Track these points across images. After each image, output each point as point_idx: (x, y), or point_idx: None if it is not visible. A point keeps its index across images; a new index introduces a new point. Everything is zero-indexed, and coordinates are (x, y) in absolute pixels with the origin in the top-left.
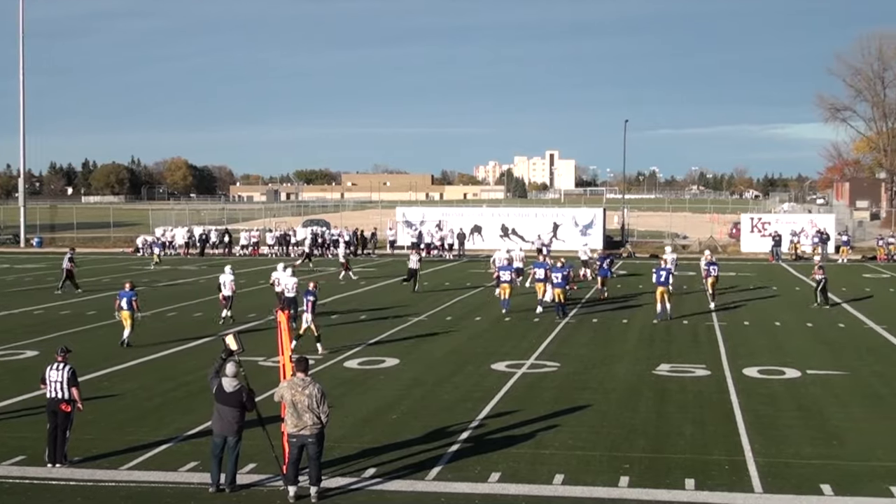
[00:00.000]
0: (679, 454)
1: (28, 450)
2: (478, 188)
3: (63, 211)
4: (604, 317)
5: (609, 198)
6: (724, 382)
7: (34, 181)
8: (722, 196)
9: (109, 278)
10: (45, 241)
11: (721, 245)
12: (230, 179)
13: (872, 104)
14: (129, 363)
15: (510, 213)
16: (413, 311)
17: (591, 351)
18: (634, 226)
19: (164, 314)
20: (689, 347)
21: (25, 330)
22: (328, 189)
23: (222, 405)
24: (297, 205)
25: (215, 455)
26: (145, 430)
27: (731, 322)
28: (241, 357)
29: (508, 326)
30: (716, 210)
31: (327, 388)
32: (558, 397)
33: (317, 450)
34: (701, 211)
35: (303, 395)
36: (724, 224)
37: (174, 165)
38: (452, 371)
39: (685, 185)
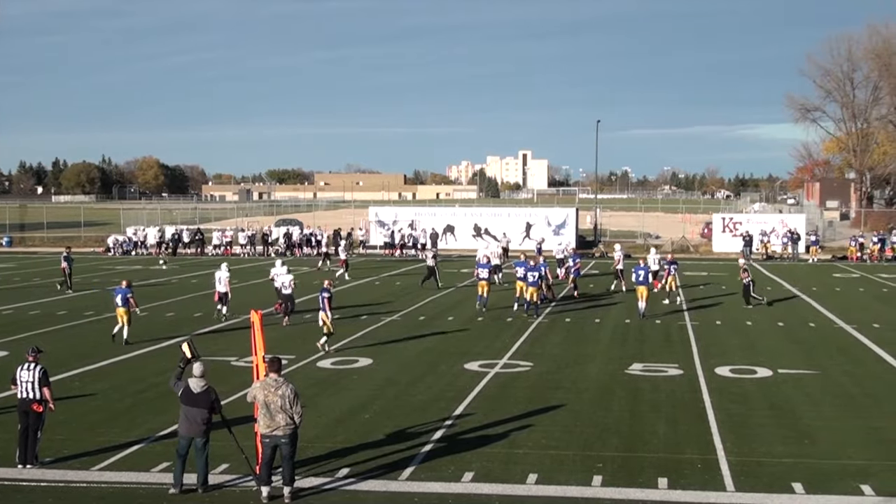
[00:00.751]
0: (652, 453)
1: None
2: (450, 188)
3: (33, 210)
4: (577, 316)
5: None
6: (697, 382)
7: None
8: (694, 196)
9: (80, 278)
10: (15, 241)
11: (693, 245)
12: (202, 179)
13: (842, 105)
14: (100, 363)
15: (483, 213)
16: (386, 310)
17: (564, 350)
18: (607, 226)
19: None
20: (661, 347)
21: None
22: (301, 189)
23: (190, 406)
24: (270, 204)
25: (180, 456)
26: (117, 431)
27: (703, 322)
28: (206, 358)
29: (481, 326)
30: (688, 210)
31: (300, 388)
32: (531, 397)
33: (290, 450)
34: (673, 211)
35: (275, 395)
36: (695, 224)
37: (146, 165)
38: (425, 371)
39: (657, 185)
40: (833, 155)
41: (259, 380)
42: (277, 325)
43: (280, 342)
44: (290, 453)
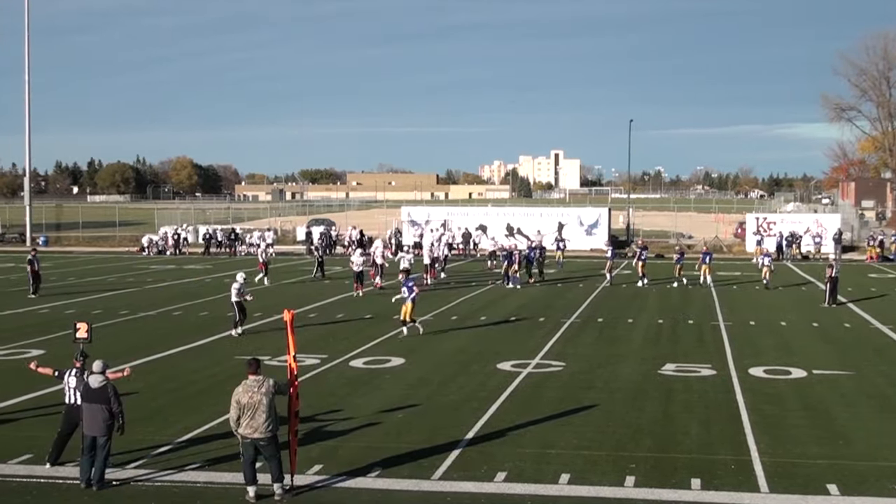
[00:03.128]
0: (685, 454)
1: (35, 449)
2: (483, 188)
3: (68, 210)
4: (609, 316)
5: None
6: (730, 382)
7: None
8: (727, 196)
9: (115, 277)
10: (51, 240)
11: (726, 245)
12: (235, 179)
13: (878, 104)
14: (134, 362)
15: (515, 213)
16: (419, 310)
17: (597, 350)
18: (640, 225)
19: (170, 313)
20: (694, 347)
21: (31, 329)
22: (333, 188)
23: (89, 403)
24: (302, 204)
25: (87, 457)
26: (150, 430)
27: (736, 322)
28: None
29: (514, 326)
30: (721, 210)
31: (333, 387)
32: (564, 397)
33: (272, 450)
34: (706, 211)
35: (259, 393)
36: (729, 224)
37: (179, 165)
38: (458, 371)
39: (690, 184)
40: (869, 154)
41: (240, 385)
42: (310, 326)
43: (312, 342)
44: (272, 453)
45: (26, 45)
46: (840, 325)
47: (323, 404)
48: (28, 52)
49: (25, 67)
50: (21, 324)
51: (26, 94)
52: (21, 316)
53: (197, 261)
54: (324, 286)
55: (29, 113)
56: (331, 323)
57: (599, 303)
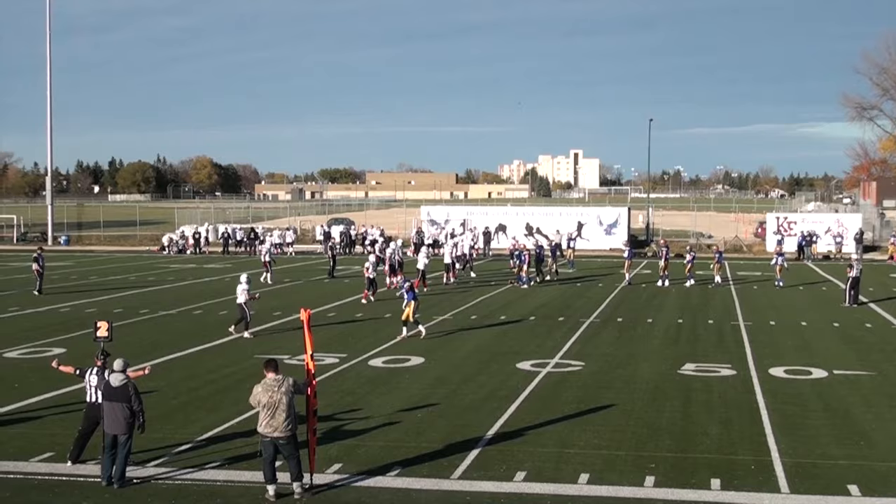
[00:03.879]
0: (705, 454)
1: (57, 447)
2: (502, 187)
3: (90, 209)
4: (629, 316)
5: (634, 197)
6: (750, 382)
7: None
8: (747, 195)
9: (135, 276)
10: (73, 240)
11: (746, 244)
12: (255, 178)
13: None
14: (154, 361)
15: (535, 212)
16: (438, 310)
17: (616, 350)
18: (659, 225)
19: (190, 312)
20: (714, 347)
21: (53, 328)
22: (352, 188)
23: (109, 401)
24: (322, 203)
25: (108, 455)
26: (171, 428)
27: (756, 322)
28: (260, 356)
29: (533, 326)
30: (741, 209)
31: (351, 386)
32: (583, 397)
33: (291, 449)
34: (726, 210)
35: (279, 393)
36: (749, 223)
37: (199, 164)
38: (477, 370)
39: (710, 184)
40: (890, 153)
41: (260, 383)
42: (329, 325)
43: (332, 341)
44: (291, 452)
45: (48, 44)
46: (861, 325)
47: (342, 403)
48: (49, 52)
49: (47, 67)
50: (42, 323)
51: (48, 94)
52: (42, 315)
53: (217, 260)
54: (343, 286)
55: (51, 112)
56: (350, 322)
57: (619, 302)
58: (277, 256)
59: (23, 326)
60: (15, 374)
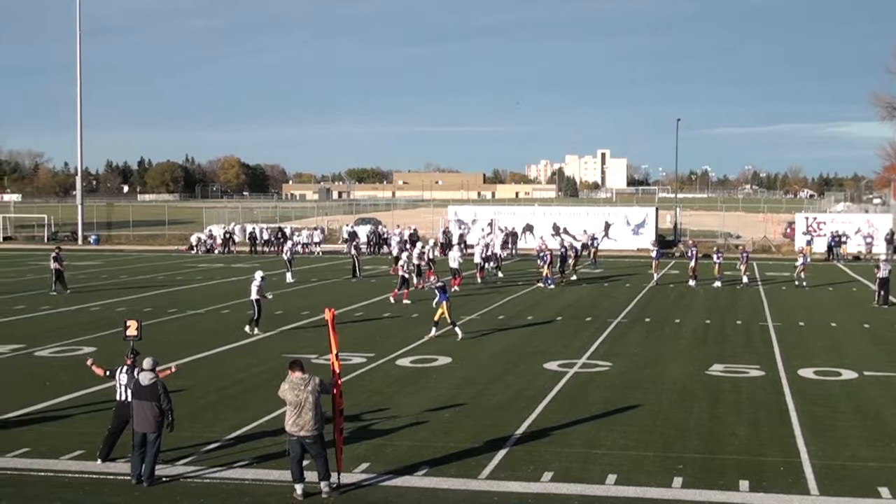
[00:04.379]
0: (733, 455)
1: (87, 445)
2: (529, 187)
3: (119, 209)
4: (657, 316)
5: (661, 197)
6: (779, 383)
7: (91, 179)
8: (775, 195)
9: (164, 276)
10: (102, 239)
11: (775, 245)
12: (282, 178)
13: None
14: (182, 360)
15: (562, 212)
16: (465, 309)
17: (644, 350)
18: (687, 225)
19: (219, 311)
20: (742, 348)
21: (83, 327)
22: (379, 188)
23: (139, 400)
24: (349, 203)
25: (137, 454)
26: (199, 427)
27: (785, 322)
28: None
29: (560, 326)
30: (769, 209)
31: (379, 386)
32: (610, 397)
33: (318, 448)
34: (754, 210)
35: (305, 391)
36: (777, 224)
37: (227, 164)
38: (504, 370)
39: (738, 184)
40: None
41: (287, 381)
42: (357, 324)
43: (359, 340)
44: (318, 451)
45: (78, 44)
46: (891, 326)
47: (370, 403)
48: (79, 52)
49: (77, 67)
50: (73, 321)
51: (78, 94)
52: (73, 314)
53: (245, 259)
54: (370, 286)
55: (81, 112)
56: (377, 321)
57: (646, 302)
58: (304, 256)
59: (54, 325)
60: (46, 373)
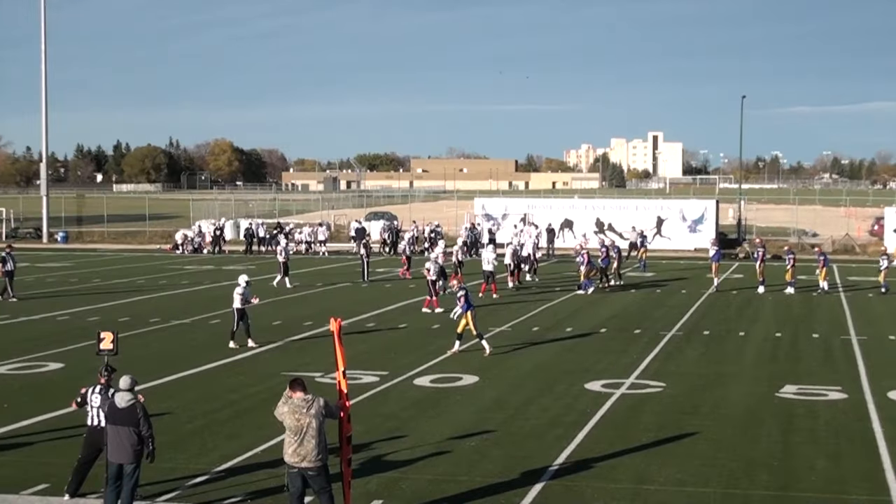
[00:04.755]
0: (809, 492)
1: (52, 478)
2: (568, 176)
3: (92, 201)
4: (717, 328)
5: (723, 188)
6: (865, 408)
7: (58, 166)
8: (860, 186)
9: (144, 279)
10: (71, 236)
11: (859, 244)
12: (282, 165)
13: None
14: (166, 378)
15: (606, 206)
16: (493, 320)
17: (703, 369)
18: (753, 221)
19: (207, 321)
20: (820, 366)
21: (48, 339)
22: (395, 176)
23: (114, 425)
24: (359, 195)
25: (112, 488)
26: (185, 457)
27: (872, 336)
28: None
29: (604, 339)
30: (853, 203)
31: (394, 409)
32: (663, 423)
33: (323, 482)
34: (834, 204)
35: (308, 416)
36: (863, 219)
37: (218, 148)
38: (540, 391)
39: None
40: None
41: (285, 403)
42: (365, 336)
43: (371, 356)
44: (322, 485)
45: (42, 10)
46: None
47: (383, 429)
48: (44, 20)
49: (41, 37)
50: (37, 333)
51: (42, 68)
52: (37, 324)
53: (238, 260)
54: (384, 291)
55: (45, 89)
56: (392, 333)
57: (705, 312)
58: (307, 257)
59: (13, 337)
60: (4, 393)
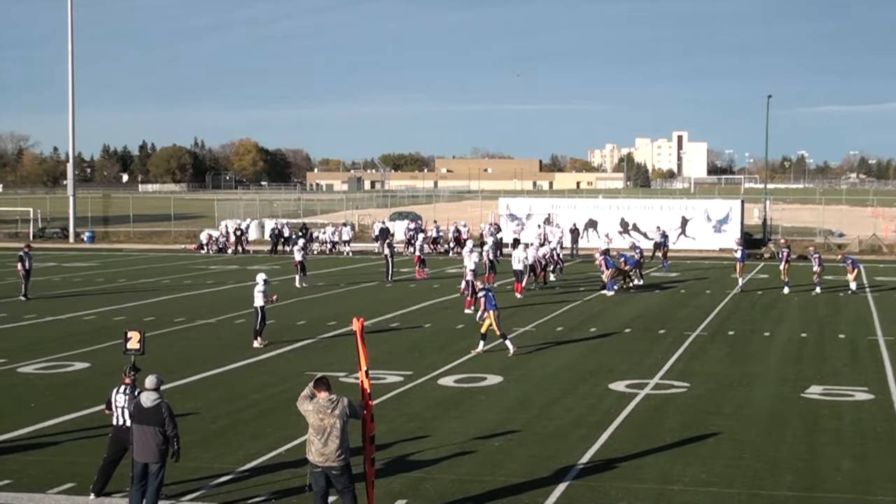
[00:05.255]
0: (835, 493)
1: (78, 477)
2: (593, 176)
3: (118, 201)
4: (742, 328)
5: (748, 188)
6: (892, 409)
7: (85, 167)
8: (888, 186)
9: (169, 279)
10: (98, 236)
11: (887, 244)
12: (307, 165)
13: None
14: (191, 378)
15: (631, 206)
16: (517, 320)
17: (727, 369)
18: (779, 221)
19: (232, 321)
20: (846, 366)
21: (75, 339)
22: (419, 176)
23: (140, 425)
24: (384, 195)
25: (137, 487)
26: (209, 457)
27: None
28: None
29: (629, 339)
30: (880, 203)
31: (418, 409)
32: (688, 424)
33: (346, 481)
34: (861, 204)
35: (332, 417)
36: (890, 219)
37: (243, 148)
38: (564, 391)
39: (841, 172)
40: None
41: (310, 401)
42: (389, 335)
43: (395, 356)
44: (346, 484)
45: (69, 10)
46: None
47: (406, 429)
48: (71, 19)
49: (69, 36)
50: (64, 332)
51: (69, 68)
52: (64, 323)
53: (262, 260)
54: (408, 291)
55: (73, 89)
56: (416, 332)
57: (730, 312)
58: (331, 257)
59: (40, 337)
60: (31, 393)
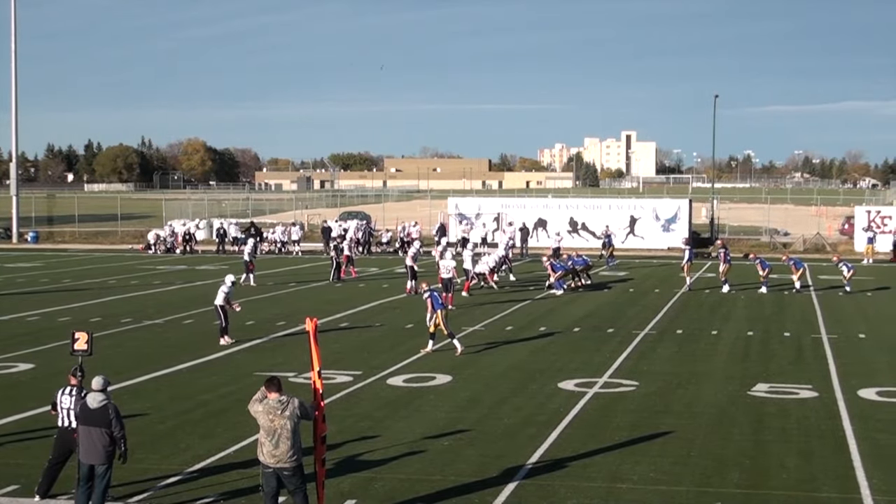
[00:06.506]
0: (781, 490)
1: (23, 479)
2: (542, 175)
3: (63, 201)
4: (690, 328)
5: (696, 187)
6: (835, 406)
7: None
8: (831, 185)
9: (116, 280)
10: (42, 236)
11: (830, 243)
12: (255, 164)
13: None
14: (138, 379)
15: (580, 205)
16: (467, 319)
17: (676, 368)
18: (725, 220)
19: (180, 321)
20: (791, 364)
21: (19, 339)
22: (368, 176)
23: (86, 426)
24: (333, 194)
25: (83, 489)
26: (157, 458)
27: (843, 335)
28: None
29: (578, 338)
30: (824, 202)
31: (368, 409)
32: (637, 422)
33: (297, 482)
34: (805, 203)
35: (283, 418)
36: (833, 218)
37: (191, 148)
38: (513, 390)
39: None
40: None
41: (259, 402)
42: (338, 335)
43: (344, 356)
44: (297, 485)
45: (13, 8)
46: None
47: (356, 429)
48: (14, 17)
49: (12, 35)
50: (7, 333)
51: (12, 66)
52: (7, 324)
53: (211, 260)
54: (357, 291)
55: (16, 88)
56: (365, 332)
57: (678, 311)
58: (280, 257)
59: None
60: None
